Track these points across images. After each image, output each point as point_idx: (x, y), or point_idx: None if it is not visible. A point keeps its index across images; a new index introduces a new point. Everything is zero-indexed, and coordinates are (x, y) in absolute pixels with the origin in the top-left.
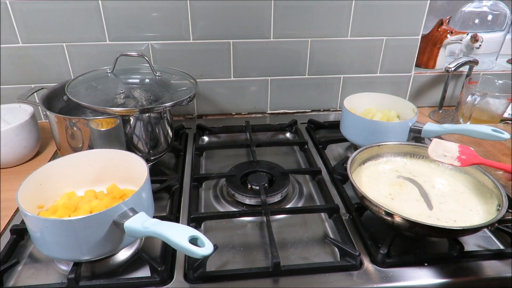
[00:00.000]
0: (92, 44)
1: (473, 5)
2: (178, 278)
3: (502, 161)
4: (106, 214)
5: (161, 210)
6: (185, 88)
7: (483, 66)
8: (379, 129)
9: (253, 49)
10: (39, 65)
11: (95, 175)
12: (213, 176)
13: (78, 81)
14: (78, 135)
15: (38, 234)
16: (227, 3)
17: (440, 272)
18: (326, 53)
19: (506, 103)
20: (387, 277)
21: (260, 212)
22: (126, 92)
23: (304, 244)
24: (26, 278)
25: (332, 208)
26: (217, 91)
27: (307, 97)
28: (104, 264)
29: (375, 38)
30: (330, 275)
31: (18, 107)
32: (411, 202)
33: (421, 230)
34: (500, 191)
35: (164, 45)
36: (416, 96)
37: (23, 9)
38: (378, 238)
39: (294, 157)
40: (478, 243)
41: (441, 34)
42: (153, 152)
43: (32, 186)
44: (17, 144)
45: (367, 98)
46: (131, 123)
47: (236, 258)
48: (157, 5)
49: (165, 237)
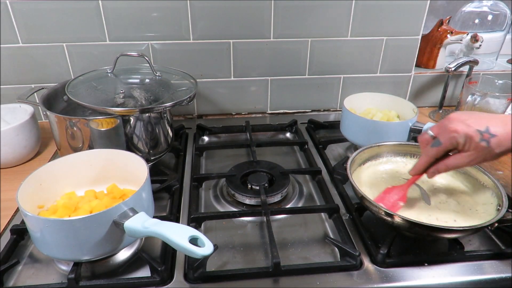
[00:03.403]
0: (92, 44)
1: (473, 5)
2: (178, 278)
3: (502, 161)
4: (106, 214)
5: (161, 210)
6: (185, 88)
7: (483, 66)
8: (379, 129)
9: (253, 49)
10: (39, 65)
11: (95, 175)
12: (213, 176)
13: (78, 81)
14: (78, 135)
15: (38, 234)
16: (227, 3)
17: (440, 272)
18: (326, 53)
19: (506, 103)
20: (387, 277)
21: (260, 212)
22: (126, 92)
23: (304, 244)
24: (26, 278)
25: (332, 208)
26: (217, 91)
27: (307, 97)
28: (104, 264)
29: (375, 38)
30: (330, 275)
31: (18, 107)
32: (411, 202)
33: (421, 230)
34: (500, 191)
35: (164, 45)
36: (416, 96)
37: (23, 9)
38: (378, 238)
39: (294, 157)
40: (478, 243)
41: (441, 34)
42: (153, 152)
43: (32, 186)
44: (17, 144)
45: (367, 98)
46: (131, 123)
47: (236, 258)
48: (157, 5)
49: (165, 237)
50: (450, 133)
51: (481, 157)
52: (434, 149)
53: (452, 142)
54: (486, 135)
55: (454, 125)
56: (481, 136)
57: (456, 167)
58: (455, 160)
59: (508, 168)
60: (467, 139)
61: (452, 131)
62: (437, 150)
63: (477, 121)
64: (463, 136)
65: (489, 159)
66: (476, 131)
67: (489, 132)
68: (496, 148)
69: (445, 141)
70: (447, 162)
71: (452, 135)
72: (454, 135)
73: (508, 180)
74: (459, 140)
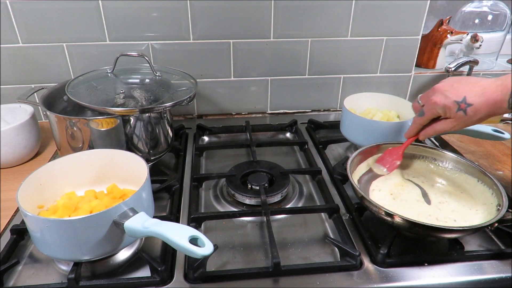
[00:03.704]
0: (92, 44)
1: (473, 5)
2: (178, 278)
3: (502, 161)
4: (106, 214)
5: (161, 210)
6: (185, 88)
7: (483, 66)
8: (379, 129)
9: (253, 49)
10: (39, 65)
11: (95, 175)
12: (213, 176)
13: (78, 81)
14: (78, 135)
15: (38, 234)
16: (227, 3)
17: (440, 272)
18: (326, 53)
19: None
20: (387, 277)
21: (260, 212)
22: (126, 92)
23: (304, 244)
24: (26, 278)
25: (332, 208)
26: (217, 91)
27: (307, 97)
28: (104, 264)
29: (375, 38)
30: (330, 275)
31: (18, 107)
32: (411, 202)
33: (421, 230)
34: (500, 191)
35: (164, 45)
36: (416, 96)
37: (23, 9)
38: (378, 238)
39: (294, 157)
40: (478, 243)
41: (441, 34)
42: (153, 152)
43: (32, 186)
44: (17, 144)
45: (367, 98)
46: (131, 123)
47: (236, 258)
48: (157, 5)
49: (165, 237)
50: (431, 104)
51: (462, 123)
52: (420, 118)
53: (433, 112)
54: (462, 105)
55: (434, 96)
56: (458, 106)
57: (443, 131)
58: (441, 126)
59: (508, 168)
60: (446, 109)
61: (433, 103)
62: (421, 119)
63: (456, 92)
64: (441, 107)
65: (471, 124)
66: (453, 102)
67: (465, 102)
68: (474, 116)
69: (427, 112)
70: (435, 127)
71: (433, 107)
72: (434, 106)
73: (508, 180)
74: (439, 111)
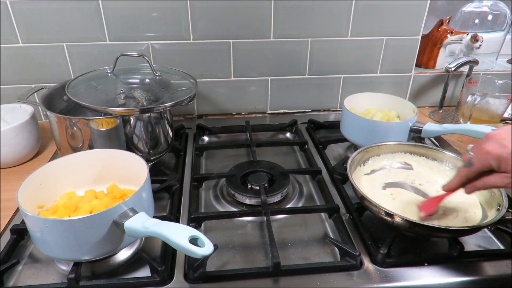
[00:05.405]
0: (92, 44)
1: (473, 5)
2: (178, 278)
3: None
4: (106, 214)
5: (161, 210)
6: (185, 88)
7: (483, 66)
8: (379, 129)
9: (253, 49)
10: (39, 65)
11: (95, 175)
12: (213, 176)
13: (78, 81)
14: (78, 135)
15: (38, 234)
16: (227, 3)
17: (440, 272)
18: (326, 53)
19: (506, 103)
20: (387, 277)
21: (260, 212)
22: (126, 92)
23: (304, 244)
24: (26, 278)
25: (332, 208)
26: (217, 91)
27: (307, 97)
28: (104, 264)
29: (375, 38)
30: (330, 275)
31: (18, 107)
32: (411, 202)
33: (421, 230)
34: (500, 191)
35: (164, 45)
36: (416, 96)
37: (23, 9)
38: (378, 238)
39: (294, 157)
40: (478, 243)
41: (441, 34)
42: (153, 152)
43: (32, 186)
44: (17, 144)
45: (367, 98)
46: (131, 123)
47: (236, 258)
48: (157, 5)
49: (165, 237)
50: (483, 154)
51: None
52: (466, 169)
53: (484, 164)
54: None
55: (487, 145)
56: None
57: (495, 186)
58: (494, 180)
59: None
60: (500, 161)
61: (485, 152)
62: (468, 171)
63: None
64: (494, 158)
65: None
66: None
67: None
68: None
69: (476, 163)
70: (486, 181)
71: (484, 157)
72: (486, 156)
73: None
74: (491, 163)
